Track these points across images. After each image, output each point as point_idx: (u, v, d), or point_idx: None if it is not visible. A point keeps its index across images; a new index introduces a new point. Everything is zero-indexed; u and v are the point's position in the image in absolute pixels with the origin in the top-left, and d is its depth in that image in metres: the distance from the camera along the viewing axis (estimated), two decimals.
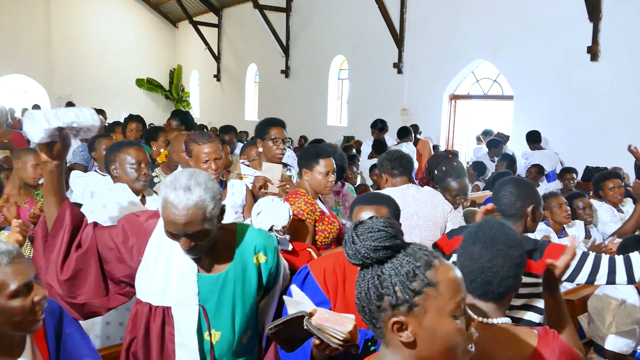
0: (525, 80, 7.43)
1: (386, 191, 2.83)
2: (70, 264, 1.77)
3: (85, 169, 4.59)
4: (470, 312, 1.06)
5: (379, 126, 6.75)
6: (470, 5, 8.04)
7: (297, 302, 1.43)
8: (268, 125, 3.19)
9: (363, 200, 1.93)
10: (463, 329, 1.01)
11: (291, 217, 2.30)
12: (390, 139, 7.19)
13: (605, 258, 1.92)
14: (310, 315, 1.36)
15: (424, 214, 2.84)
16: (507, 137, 7.24)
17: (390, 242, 1.03)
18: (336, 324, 1.34)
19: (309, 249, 2.43)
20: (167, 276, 1.72)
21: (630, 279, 1.90)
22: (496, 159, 6.81)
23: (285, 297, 1.48)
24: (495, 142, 7.00)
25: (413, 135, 7.30)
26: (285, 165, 3.38)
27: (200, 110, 17.00)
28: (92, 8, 16.15)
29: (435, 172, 3.14)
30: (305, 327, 1.34)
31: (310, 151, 2.91)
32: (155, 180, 3.50)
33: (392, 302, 1.00)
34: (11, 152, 5.95)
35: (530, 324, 1.94)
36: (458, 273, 1.05)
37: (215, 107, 15.83)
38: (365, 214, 1.83)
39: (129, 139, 5.35)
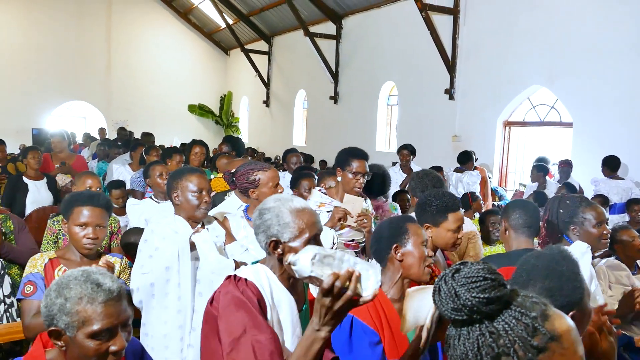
0: (586, 106, 7.14)
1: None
2: None
3: (142, 196, 4.68)
4: None
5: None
6: (525, 31, 7.86)
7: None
8: (351, 156, 3.10)
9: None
10: None
11: (336, 243, 2.32)
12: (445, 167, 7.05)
13: None
14: None
15: None
16: (570, 165, 6.92)
17: (501, 292, 0.92)
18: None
19: None
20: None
21: None
22: (553, 183, 6.55)
23: None
24: (540, 168, 6.73)
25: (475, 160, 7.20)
26: (364, 197, 3.31)
27: (249, 135, 17.29)
28: (150, 37, 16.88)
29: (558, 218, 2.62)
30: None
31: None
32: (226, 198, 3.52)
33: None
34: (73, 176, 6.20)
35: None
36: (570, 321, 0.94)
37: (264, 133, 16.07)
38: None
39: (193, 163, 5.47)
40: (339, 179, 3.11)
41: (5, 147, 6.58)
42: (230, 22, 15.41)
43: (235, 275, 1.60)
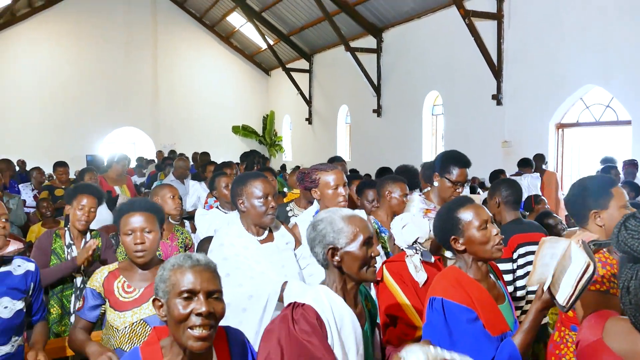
0: None
1: None
2: None
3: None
4: None
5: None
6: (574, 30, 7.67)
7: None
8: (452, 163, 2.96)
9: None
10: None
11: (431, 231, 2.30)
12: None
13: None
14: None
15: None
16: (636, 165, 6.62)
17: None
18: None
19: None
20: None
21: None
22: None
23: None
24: (607, 170, 6.46)
25: (534, 165, 7.07)
26: None
27: (293, 153, 17.45)
28: (194, 62, 17.42)
29: None
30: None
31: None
32: (290, 214, 3.52)
33: None
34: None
35: None
36: None
37: (307, 149, 16.18)
38: None
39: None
40: (436, 184, 2.99)
41: (68, 168, 6.87)
42: (271, 42, 15.73)
43: (294, 303, 1.61)
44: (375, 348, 1.77)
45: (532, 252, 2.94)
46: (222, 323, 1.89)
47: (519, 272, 2.96)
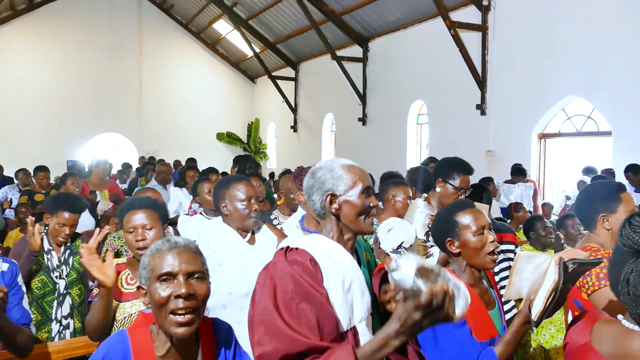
0: (625, 114, 6.98)
1: None
2: None
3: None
4: None
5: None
6: (557, 43, 7.80)
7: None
8: (457, 170, 2.94)
9: None
10: None
11: (417, 237, 2.30)
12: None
13: None
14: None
15: None
16: (613, 174, 6.77)
17: None
18: None
19: None
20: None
21: None
22: None
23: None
24: (599, 179, 6.58)
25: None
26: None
27: (277, 160, 17.42)
28: (179, 69, 17.35)
29: None
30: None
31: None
32: (274, 222, 3.48)
33: None
34: (116, 203, 6.33)
35: None
36: None
37: (292, 157, 16.16)
38: None
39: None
40: (438, 189, 2.97)
41: (49, 173, 6.75)
42: (257, 50, 15.73)
43: (287, 247, 1.54)
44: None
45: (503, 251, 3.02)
46: (226, 315, 1.86)
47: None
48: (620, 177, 6.72)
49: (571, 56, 7.61)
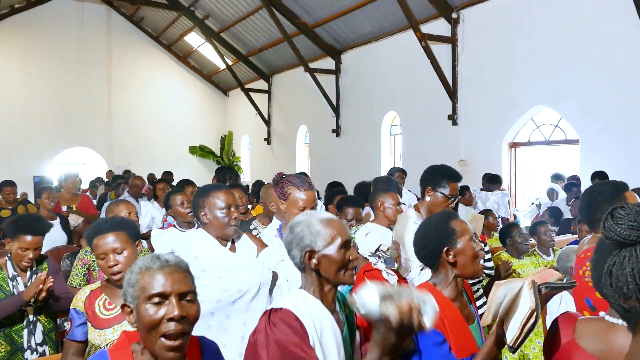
0: (591, 122, 7.21)
1: None
2: None
3: None
4: None
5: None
6: (524, 54, 8.03)
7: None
8: (447, 178, 2.92)
9: None
10: None
11: (394, 240, 2.34)
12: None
13: None
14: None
15: None
16: (578, 180, 6.98)
17: None
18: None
19: None
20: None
21: None
22: (561, 200, 6.60)
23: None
24: (569, 187, 6.77)
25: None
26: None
27: (251, 173, 17.33)
28: (150, 82, 17.15)
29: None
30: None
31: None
32: (254, 232, 3.45)
33: None
34: (85, 220, 6.18)
35: None
36: None
37: (266, 170, 16.10)
38: None
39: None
40: (427, 198, 2.94)
41: (16, 188, 6.55)
42: (230, 63, 15.70)
43: (271, 309, 1.56)
44: (355, 351, 1.73)
45: None
46: (213, 322, 1.82)
47: None
48: (587, 184, 6.92)
49: (538, 67, 7.84)
